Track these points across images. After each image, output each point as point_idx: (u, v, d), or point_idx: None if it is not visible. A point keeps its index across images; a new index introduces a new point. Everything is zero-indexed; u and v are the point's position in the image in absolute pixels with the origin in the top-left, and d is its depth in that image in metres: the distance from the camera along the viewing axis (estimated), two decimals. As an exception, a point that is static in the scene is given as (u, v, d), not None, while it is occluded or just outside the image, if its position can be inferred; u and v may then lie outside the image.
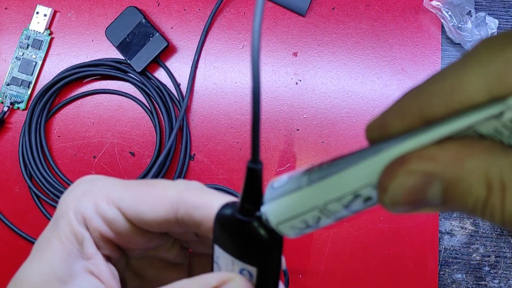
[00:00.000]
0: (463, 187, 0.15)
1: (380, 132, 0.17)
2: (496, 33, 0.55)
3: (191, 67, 0.57)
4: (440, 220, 0.54)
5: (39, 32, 0.58)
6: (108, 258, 0.25)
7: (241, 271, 0.21)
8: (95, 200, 0.24)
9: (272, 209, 0.20)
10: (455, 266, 0.54)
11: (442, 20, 0.55)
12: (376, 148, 0.16)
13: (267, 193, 0.20)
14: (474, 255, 0.54)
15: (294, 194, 0.19)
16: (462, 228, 0.54)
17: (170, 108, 0.56)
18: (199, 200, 0.23)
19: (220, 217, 0.21)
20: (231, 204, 0.22)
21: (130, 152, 0.56)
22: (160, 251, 0.27)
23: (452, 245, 0.54)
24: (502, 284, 0.54)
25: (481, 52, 0.14)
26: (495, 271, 0.54)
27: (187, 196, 0.23)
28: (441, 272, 0.54)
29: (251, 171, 0.20)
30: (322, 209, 0.18)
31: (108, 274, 0.24)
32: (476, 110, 0.15)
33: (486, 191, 0.14)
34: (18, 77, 0.57)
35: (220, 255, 0.22)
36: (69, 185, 0.55)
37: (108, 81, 0.58)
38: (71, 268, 0.23)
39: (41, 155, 0.55)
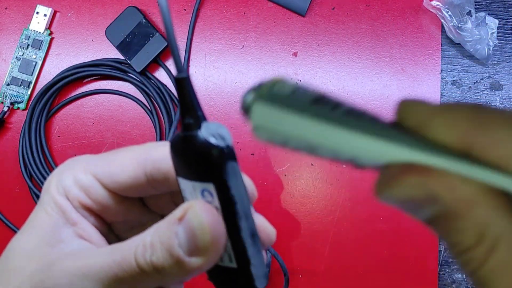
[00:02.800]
0: (457, 226, 0.15)
1: (419, 122, 0.16)
2: (496, 33, 0.55)
3: (183, 65, 0.57)
4: (440, 220, 0.54)
5: (39, 32, 0.58)
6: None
7: (202, 194, 0.21)
8: (74, 173, 0.25)
9: (261, 112, 0.17)
10: (455, 266, 0.54)
11: (442, 20, 0.55)
12: (405, 138, 0.15)
13: (264, 88, 0.18)
14: (474, 255, 0.54)
15: (295, 116, 0.16)
16: (462, 228, 0.54)
17: (170, 108, 0.56)
18: (164, 153, 0.24)
19: (171, 144, 0.21)
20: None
21: (130, 152, 0.56)
22: (145, 227, 0.27)
23: (452, 245, 0.54)
24: (502, 284, 0.54)
25: None
26: (495, 271, 0.54)
27: (154, 152, 0.24)
28: (441, 272, 0.54)
29: (179, 82, 0.20)
30: (312, 147, 0.17)
31: (97, 236, 0.25)
32: None
33: (475, 241, 0.15)
34: (18, 77, 0.57)
35: (184, 186, 0.21)
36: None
37: (108, 81, 0.58)
38: (60, 235, 0.24)
39: (41, 155, 0.55)
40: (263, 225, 0.25)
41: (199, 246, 0.20)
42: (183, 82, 0.20)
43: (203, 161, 0.20)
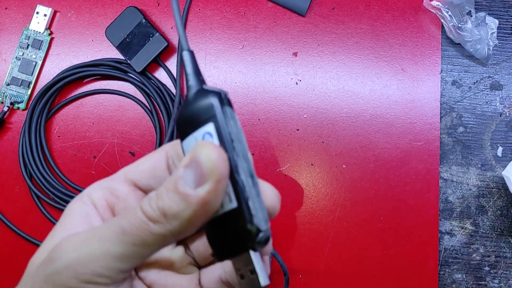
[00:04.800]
0: None
1: None
2: (496, 33, 0.55)
3: (176, 64, 0.57)
4: (440, 220, 0.54)
5: (39, 32, 0.58)
6: None
7: (203, 138, 0.23)
8: (98, 182, 0.27)
9: None
10: (455, 266, 0.54)
11: (442, 20, 0.55)
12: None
13: None
14: (474, 255, 0.54)
15: None
16: (462, 228, 0.54)
17: (170, 108, 0.56)
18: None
19: (178, 112, 0.24)
20: None
21: (130, 152, 0.56)
22: (165, 252, 0.28)
23: (452, 245, 0.54)
24: (502, 284, 0.54)
25: None
26: (495, 271, 0.54)
27: (177, 141, 0.26)
28: (441, 272, 0.54)
29: (184, 55, 0.24)
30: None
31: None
32: None
33: None
34: (18, 77, 0.57)
35: (187, 146, 0.23)
36: (69, 185, 0.55)
37: (108, 81, 0.58)
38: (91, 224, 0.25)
39: (41, 155, 0.55)
40: (268, 189, 0.25)
41: (204, 171, 0.21)
42: (188, 55, 0.24)
43: (204, 104, 0.23)
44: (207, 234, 0.23)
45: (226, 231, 0.23)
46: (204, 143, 0.21)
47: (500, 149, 0.55)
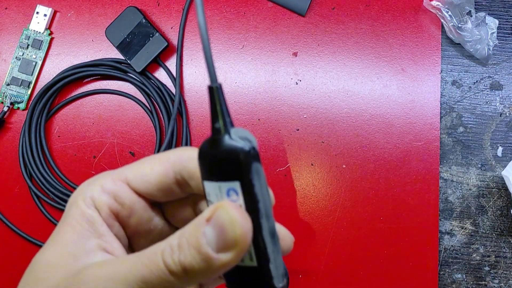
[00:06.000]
0: None
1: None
2: (496, 33, 0.55)
3: (176, 64, 0.57)
4: (440, 220, 0.54)
5: (39, 32, 0.58)
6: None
7: (228, 194, 0.22)
8: (101, 182, 0.26)
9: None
10: (455, 266, 0.54)
11: (442, 20, 0.55)
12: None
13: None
14: (474, 255, 0.54)
15: None
16: (462, 228, 0.54)
17: (170, 108, 0.56)
18: (192, 155, 0.26)
19: (200, 149, 0.23)
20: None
21: (130, 152, 0.56)
22: None
23: (452, 245, 0.54)
24: (502, 284, 0.54)
25: None
26: (495, 271, 0.54)
27: (182, 152, 0.26)
28: (441, 272, 0.54)
29: (212, 90, 0.23)
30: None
31: (121, 251, 0.26)
32: None
33: None
34: (18, 77, 0.57)
35: (210, 189, 0.23)
36: (69, 185, 0.55)
37: (108, 81, 0.58)
38: (84, 247, 0.24)
39: (41, 155, 0.55)
40: (283, 232, 0.26)
41: (229, 240, 0.21)
42: (214, 91, 0.23)
43: (232, 161, 0.22)
44: (225, 277, 0.24)
45: (244, 281, 0.24)
46: (229, 207, 0.21)
47: (500, 149, 0.55)
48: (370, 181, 0.55)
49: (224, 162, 0.22)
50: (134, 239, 0.27)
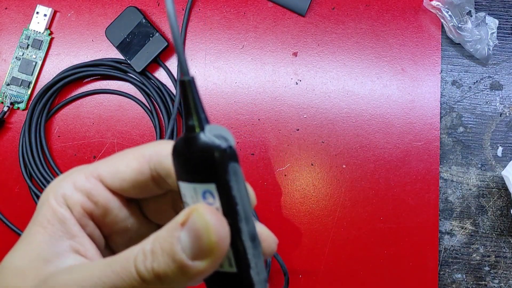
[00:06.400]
0: None
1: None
2: (496, 33, 0.55)
3: (177, 64, 0.57)
4: (440, 220, 0.54)
5: (39, 32, 0.58)
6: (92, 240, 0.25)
7: (204, 196, 0.21)
8: (73, 179, 0.24)
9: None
10: (455, 266, 0.54)
11: (442, 20, 0.55)
12: None
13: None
14: (474, 255, 0.54)
15: None
16: (462, 228, 0.54)
17: (170, 108, 0.56)
18: (168, 150, 0.24)
19: (174, 147, 0.21)
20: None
21: (130, 152, 0.56)
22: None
23: (452, 245, 0.54)
24: (502, 284, 0.54)
25: None
26: (495, 271, 0.54)
27: (157, 147, 0.24)
28: (441, 272, 0.54)
29: (183, 84, 0.21)
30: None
31: (94, 252, 0.24)
32: None
33: None
34: (18, 77, 0.57)
35: (185, 190, 0.21)
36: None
37: (108, 81, 0.58)
38: (55, 249, 0.23)
39: (41, 155, 0.55)
40: (265, 234, 0.24)
41: (204, 248, 0.20)
42: (187, 85, 0.21)
43: (206, 161, 0.20)
44: (205, 282, 0.23)
45: (225, 284, 0.22)
46: (204, 211, 0.20)
47: (500, 149, 0.55)
48: (370, 181, 0.55)
49: (198, 163, 0.21)
50: (112, 238, 0.26)
